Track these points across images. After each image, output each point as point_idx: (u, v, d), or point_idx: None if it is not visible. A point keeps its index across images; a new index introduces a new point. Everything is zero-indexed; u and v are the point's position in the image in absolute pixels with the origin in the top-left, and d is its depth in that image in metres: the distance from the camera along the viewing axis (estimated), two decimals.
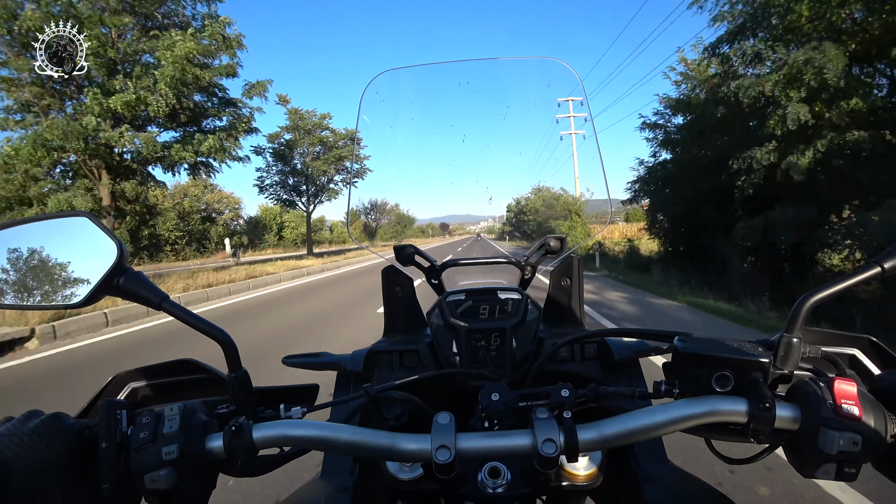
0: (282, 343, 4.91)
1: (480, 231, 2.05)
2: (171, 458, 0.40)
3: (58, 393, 3.60)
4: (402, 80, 0.94)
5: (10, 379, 4.14)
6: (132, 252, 21.21)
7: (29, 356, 4.88)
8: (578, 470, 0.58)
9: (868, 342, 0.54)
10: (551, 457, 0.41)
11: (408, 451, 0.43)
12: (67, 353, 5.00)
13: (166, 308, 0.47)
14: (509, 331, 0.71)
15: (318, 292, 9.47)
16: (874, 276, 0.43)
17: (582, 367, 0.73)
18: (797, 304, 0.44)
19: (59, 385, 3.82)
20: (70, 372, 4.21)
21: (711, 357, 0.45)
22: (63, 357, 4.84)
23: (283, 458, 0.49)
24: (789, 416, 0.41)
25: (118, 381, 0.60)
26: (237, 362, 0.48)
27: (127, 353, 4.90)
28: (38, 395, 3.60)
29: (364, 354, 0.74)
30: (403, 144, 1.05)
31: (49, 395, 3.57)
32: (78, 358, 4.78)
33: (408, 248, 0.88)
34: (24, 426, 0.39)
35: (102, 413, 0.41)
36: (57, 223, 0.50)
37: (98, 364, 4.46)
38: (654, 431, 0.44)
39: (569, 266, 0.83)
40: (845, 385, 0.40)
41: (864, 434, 0.38)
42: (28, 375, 4.22)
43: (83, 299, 0.46)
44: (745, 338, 0.48)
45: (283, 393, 0.59)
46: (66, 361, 4.65)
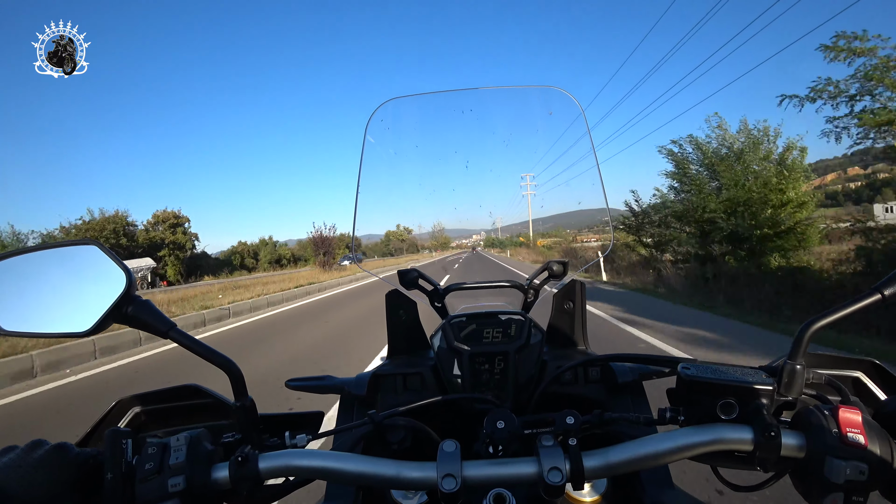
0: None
1: (476, 244, 2.05)
2: (178, 489, 0.39)
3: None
4: (407, 108, 0.97)
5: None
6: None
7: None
8: (584, 496, 0.58)
9: (871, 365, 0.54)
10: (557, 485, 0.41)
11: (413, 479, 0.43)
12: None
13: (173, 336, 0.47)
14: (513, 354, 0.71)
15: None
16: (875, 302, 0.44)
17: (586, 389, 0.73)
18: (800, 331, 0.45)
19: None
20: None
21: (715, 384, 0.45)
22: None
23: (289, 488, 0.49)
24: (795, 444, 0.41)
25: (122, 405, 0.60)
26: (243, 390, 0.48)
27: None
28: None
29: (368, 378, 0.74)
30: (408, 169, 1.07)
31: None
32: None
33: (411, 273, 0.88)
34: (28, 457, 0.39)
35: (108, 443, 0.41)
36: (66, 251, 0.50)
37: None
38: (659, 459, 0.44)
39: (571, 289, 0.83)
40: (850, 413, 0.40)
41: (871, 462, 0.38)
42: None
43: (91, 328, 0.47)
44: (750, 363, 0.49)
45: (288, 420, 0.59)
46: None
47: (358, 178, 0.88)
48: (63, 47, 8.58)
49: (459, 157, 1.08)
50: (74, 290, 0.49)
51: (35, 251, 0.49)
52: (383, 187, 1.01)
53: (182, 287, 20.96)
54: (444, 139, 1.08)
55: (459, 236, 2.24)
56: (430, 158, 1.08)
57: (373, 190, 0.91)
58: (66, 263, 0.50)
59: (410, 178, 1.08)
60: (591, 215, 8.76)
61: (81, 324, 0.47)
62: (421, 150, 1.04)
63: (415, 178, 1.08)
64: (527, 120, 1.04)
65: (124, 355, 5.90)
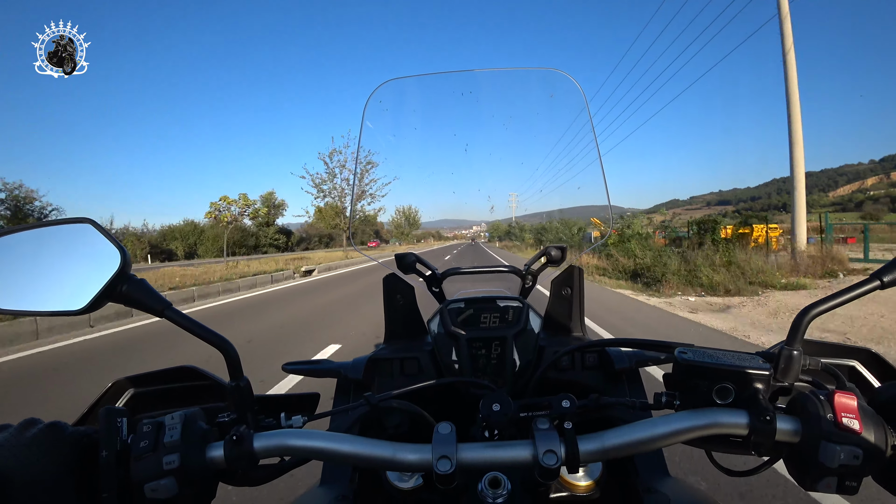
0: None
1: (474, 236, 2.02)
2: (172, 467, 0.39)
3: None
4: (406, 89, 0.95)
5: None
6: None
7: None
8: (579, 480, 0.58)
9: (868, 354, 0.54)
10: (552, 468, 0.41)
11: (408, 461, 0.43)
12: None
13: (169, 316, 0.47)
14: (510, 339, 0.71)
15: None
16: (873, 289, 0.44)
17: (583, 375, 0.73)
18: (797, 316, 0.44)
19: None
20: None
21: (712, 368, 0.45)
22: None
23: (284, 468, 0.49)
24: (790, 429, 0.41)
25: (118, 386, 0.60)
26: (239, 370, 0.48)
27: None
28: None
29: (364, 362, 0.74)
30: (406, 153, 1.05)
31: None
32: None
33: (409, 257, 0.88)
34: (22, 435, 0.39)
35: (103, 421, 0.41)
36: (61, 229, 0.50)
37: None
38: (654, 443, 0.44)
39: (570, 275, 0.83)
40: (845, 398, 0.40)
41: (865, 448, 0.38)
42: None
43: (86, 305, 0.46)
44: (745, 350, 0.49)
45: (283, 401, 0.59)
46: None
47: (356, 161, 0.87)
48: (63, 47, 8.52)
49: (458, 141, 1.07)
50: (69, 268, 0.49)
51: (29, 229, 0.49)
52: (383, 170, 1.00)
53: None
54: (443, 122, 1.07)
55: (459, 227, 2.20)
56: (429, 142, 1.07)
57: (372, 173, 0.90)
58: (61, 241, 0.50)
59: (409, 161, 1.07)
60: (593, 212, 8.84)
61: (76, 302, 0.47)
62: (420, 132, 1.03)
63: (414, 160, 1.07)
64: (527, 103, 1.02)
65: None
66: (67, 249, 0.49)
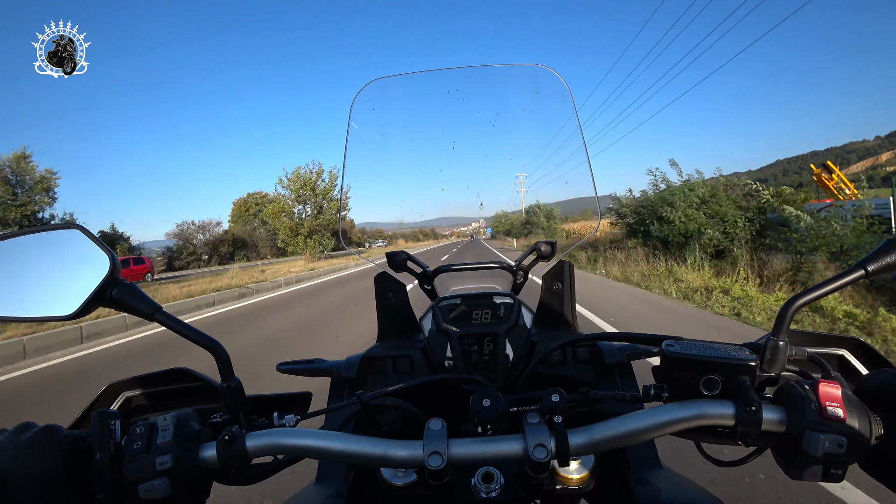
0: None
1: (473, 232, 2.03)
2: (166, 468, 0.40)
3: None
4: (392, 88, 0.95)
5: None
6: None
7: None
8: (571, 473, 0.59)
9: (855, 342, 0.55)
10: (542, 461, 0.41)
11: (400, 457, 0.44)
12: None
13: (159, 319, 0.47)
14: (502, 335, 0.71)
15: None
16: (858, 278, 0.44)
17: (574, 370, 0.73)
18: (783, 307, 0.45)
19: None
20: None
21: (699, 360, 0.45)
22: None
23: (277, 467, 0.49)
24: (775, 419, 0.42)
25: (112, 390, 0.61)
26: (230, 371, 0.49)
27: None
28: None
29: (358, 360, 0.74)
30: (394, 152, 1.05)
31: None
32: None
33: (400, 255, 0.88)
34: (17, 438, 0.39)
35: (96, 424, 0.41)
36: (49, 235, 0.50)
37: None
38: (643, 435, 0.44)
39: (560, 270, 0.83)
40: (830, 387, 0.41)
41: (849, 436, 0.38)
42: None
43: (76, 311, 0.47)
44: (734, 341, 0.49)
45: (276, 401, 0.59)
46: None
47: (343, 163, 0.87)
48: (63, 47, 8.47)
49: (446, 138, 1.06)
50: (58, 273, 0.49)
51: (18, 236, 0.49)
52: (370, 172, 0.99)
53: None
54: (430, 120, 1.06)
55: (458, 224, 2.20)
56: (417, 140, 1.07)
57: (359, 175, 0.90)
58: (50, 248, 0.50)
59: (398, 161, 1.06)
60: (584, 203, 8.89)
61: (66, 307, 0.47)
62: (407, 131, 1.03)
63: (403, 159, 1.06)
64: (513, 99, 1.02)
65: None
66: (56, 255, 0.50)
